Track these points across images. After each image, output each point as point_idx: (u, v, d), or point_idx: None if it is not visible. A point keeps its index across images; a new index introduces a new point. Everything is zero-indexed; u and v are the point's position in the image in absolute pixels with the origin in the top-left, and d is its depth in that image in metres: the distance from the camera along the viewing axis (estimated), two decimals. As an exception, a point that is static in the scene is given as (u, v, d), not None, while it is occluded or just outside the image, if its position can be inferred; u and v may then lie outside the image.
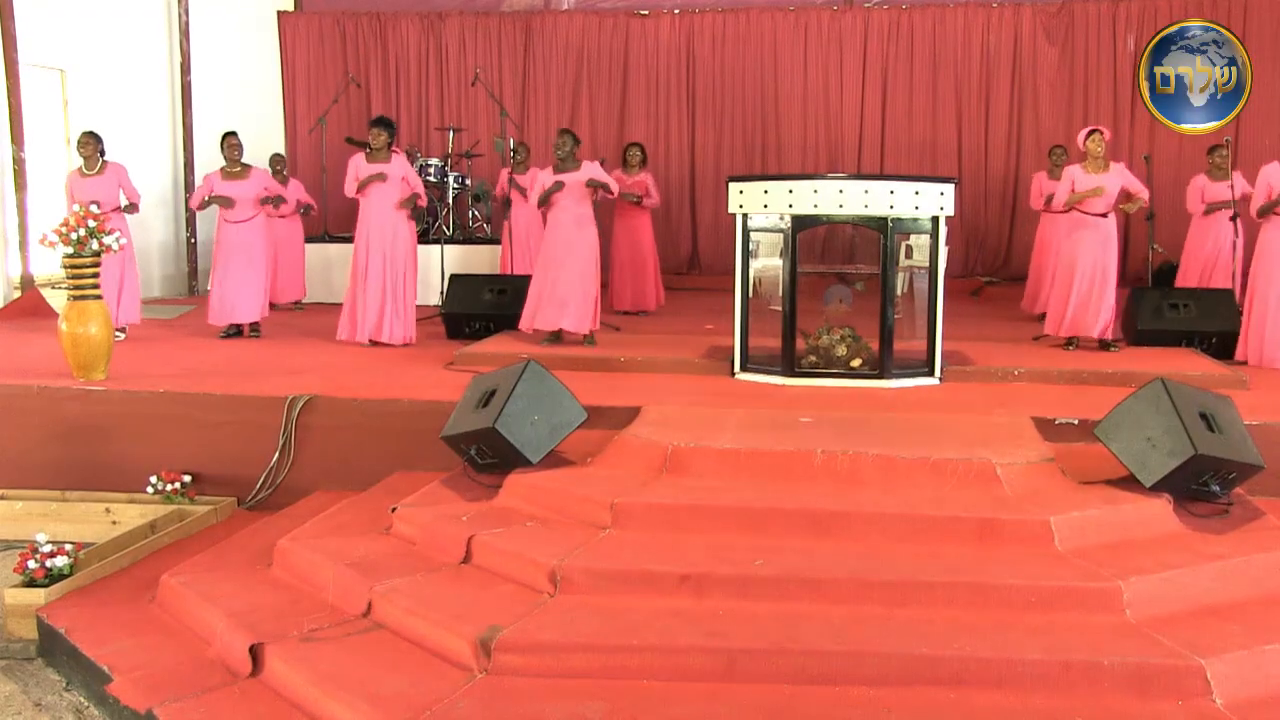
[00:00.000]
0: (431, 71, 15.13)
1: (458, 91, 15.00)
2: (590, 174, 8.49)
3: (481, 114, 14.80)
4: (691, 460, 5.52)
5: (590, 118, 14.70)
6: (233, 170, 9.50)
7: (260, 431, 6.78)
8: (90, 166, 9.30)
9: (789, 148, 14.43)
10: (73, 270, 7.34)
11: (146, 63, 12.97)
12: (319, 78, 15.22)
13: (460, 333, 9.36)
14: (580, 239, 8.45)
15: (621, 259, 11.00)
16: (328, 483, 6.63)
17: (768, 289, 7.67)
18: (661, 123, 14.72)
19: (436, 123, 14.89)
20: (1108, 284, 8.34)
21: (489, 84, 14.07)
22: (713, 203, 14.46)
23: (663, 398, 6.81)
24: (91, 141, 9.33)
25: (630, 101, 14.77)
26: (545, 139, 14.48)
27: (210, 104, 13.50)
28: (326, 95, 14.82)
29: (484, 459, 5.74)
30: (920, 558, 4.65)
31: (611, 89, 14.79)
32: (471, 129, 14.62)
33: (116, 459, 6.91)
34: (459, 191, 13.23)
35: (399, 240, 8.97)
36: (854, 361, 7.42)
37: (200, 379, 7.42)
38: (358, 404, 6.81)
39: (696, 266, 14.64)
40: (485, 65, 14.65)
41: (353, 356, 8.58)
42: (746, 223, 7.51)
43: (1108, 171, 8.37)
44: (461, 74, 14.92)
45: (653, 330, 9.70)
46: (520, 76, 14.93)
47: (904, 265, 7.57)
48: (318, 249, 12.38)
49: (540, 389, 5.77)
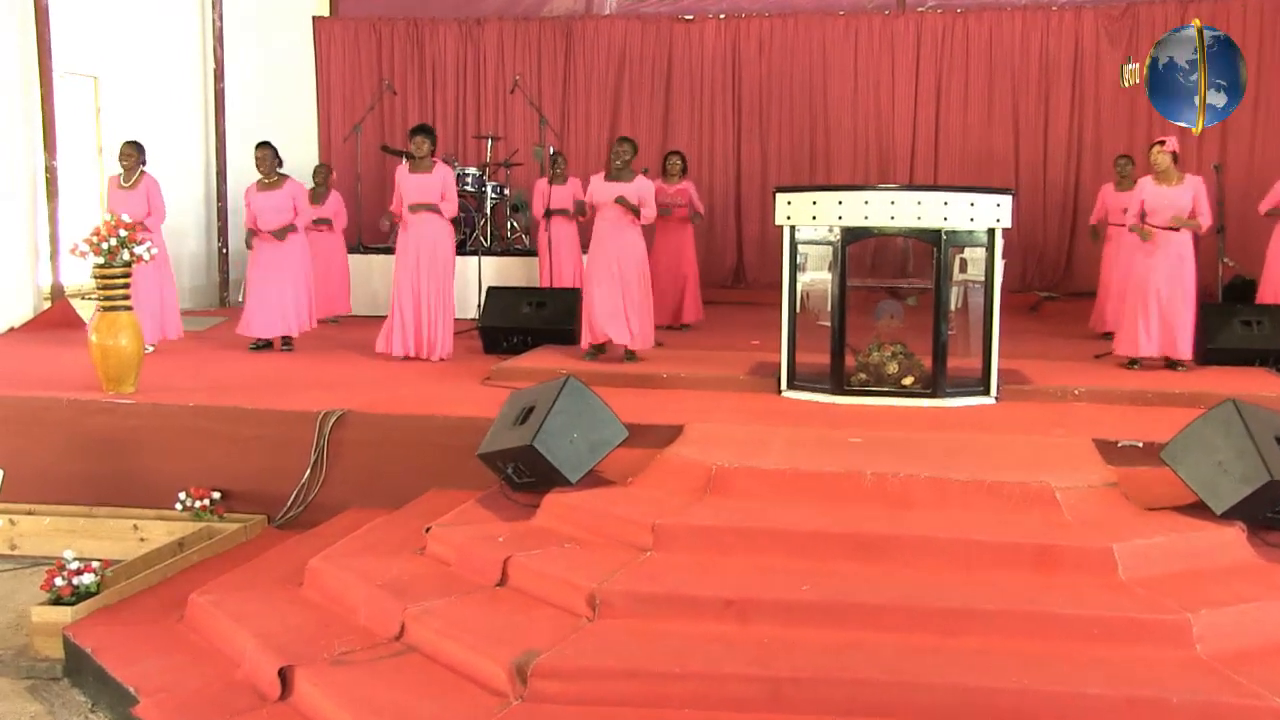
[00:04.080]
0: (469, 78, 15.24)
1: (496, 99, 15.10)
2: (636, 190, 8.44)
3: (520, 122, 14.89)
4: (736, 481, 5.49)
5: (631, 125, 14.73)
6: (268, 181, 9.59)
7: (291, 447, 6.81)
8: (127, 179, 9.42)
9: (838, 157, 14.40)
10: (103, 281, 7.42)
11: (179, 69, 13.13)
12: (354, 84, 15.36)
13: (498, 347, 9.39)
14: (627, 252, 8.42)
15: (661, 271, 11.00)
16: (360, 501, 6.64)
17: (816, 303, 7.65)
18: (705, 131, 14.73)
19: (474, 131, 14.99)
20: (1187, 303, 8.22)
21: (528, 91, 14.15)
22: (759, 214, 14.45)
23: (706, 415, 6.79)
24: (133, 152, 9.46)
25: (673, 109, 14.80)
26: (585, 147, 14.57)
27: (244, 111, 13.65)
28: (362, 102, 14.96)
29: (521, 478, 5.74)
30: (975, 585, 4.60)
31: (654, 96, 14.83)
32: (510, 137, 14.71)
33: (145, 474, 6.96)
34: (497, 202, 13.29)
35: (439, 253, 9.02)
36: (906, 379, 7.37)
37: (231, 393, 7.47)
38: (392, 420, 6.83)
39: (741, 280, 14.63)
40: (524, 72, 14.74)
41: (387, 371, 8.62)
42: (794, 235, 7.48)
43: (1181, 185, 8.27)
44: (500, 81, 15.02)
45: (696, 346, 9.68)
46: (560, 83, 15.01)
47: (958, 279, 7.52)
48: (358, 260, 12.44)
49: (580, 406, 5.76)
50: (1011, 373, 7.79)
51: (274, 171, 9.61)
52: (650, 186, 8.55)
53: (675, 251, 11.00)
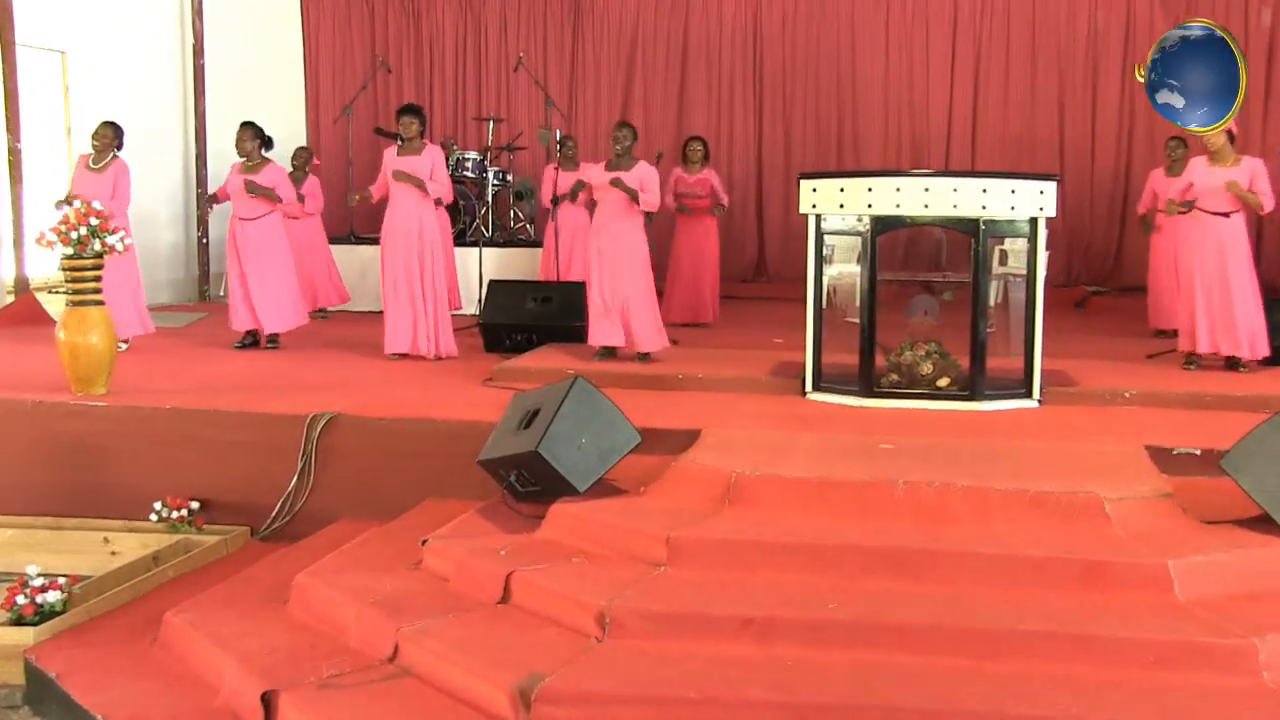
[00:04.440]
0: (469, 55, 15.26)
1: (498, 78, 15.11)
2: (637, 176, 8.39)
3: (524, 103, 14.90)
4: (757, 490, 5.48)
5: (645, 107, 14.74)
6: (251, 164, 9.61)
7: (276, 453, 6.81)
8: (98, 160, 9.45)
9: (868, 141, 14.38)
10: (72, 273, 7.44)
11: (156, 44, 13.17)
12: (345, 62, 15.39)
13: (500, 345, 9.39)
14: (629, 248, 8.36)
15: (681, 265, 11.01)
16: (351, 511, 6.64)
17: (843, 299, 7.65)
18: (724, 113, 14.73)
19: (475, 112, 15.00)
20: (1243, 295, 8.15)
21: (533, 70, 14.16)
22: (782, 202, 14.43)
23: (725, 420, 6.78)
24: (109, 134, 9.48)
25: (689, 89, 14.80)
26: (595, 130, 14.56)
27: (225, 90, 13.67)
28: (353, 81, 14.98)
29: (525, 486, 5.73)
30: (1016, 604, 4.58)
31: (669, 75, 14.83)
32: (513, 119, 14.71)
33: (117, 482, 6.97)
34: (499, 189, 13.30)
35: (426, 240, 9.00)
36: (941, 381, 7.36)
37: (211, 394, 7.48)
38: (385, 424, 6.83)
39: (763, 273, 14.63)
40: (529, 48, 14.75)
41: (380, 371, 8.62)
42: (820, 225, 7.47)
43: (1236, 166, 8.22)
44: (503, 58, 15.03)
45: (714, 344, 9.67)
46: (568, 61, 15.01)
47: (998, 273, 7.50)
48: (345, 251, 12.48)
49: (589, 409, 5.75)
50: (1056, 374, 7.76)
51: (257, 154, 9.63)
52: (653, 173, 8.47)
53: (698, 245, 11.01)
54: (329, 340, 10.17)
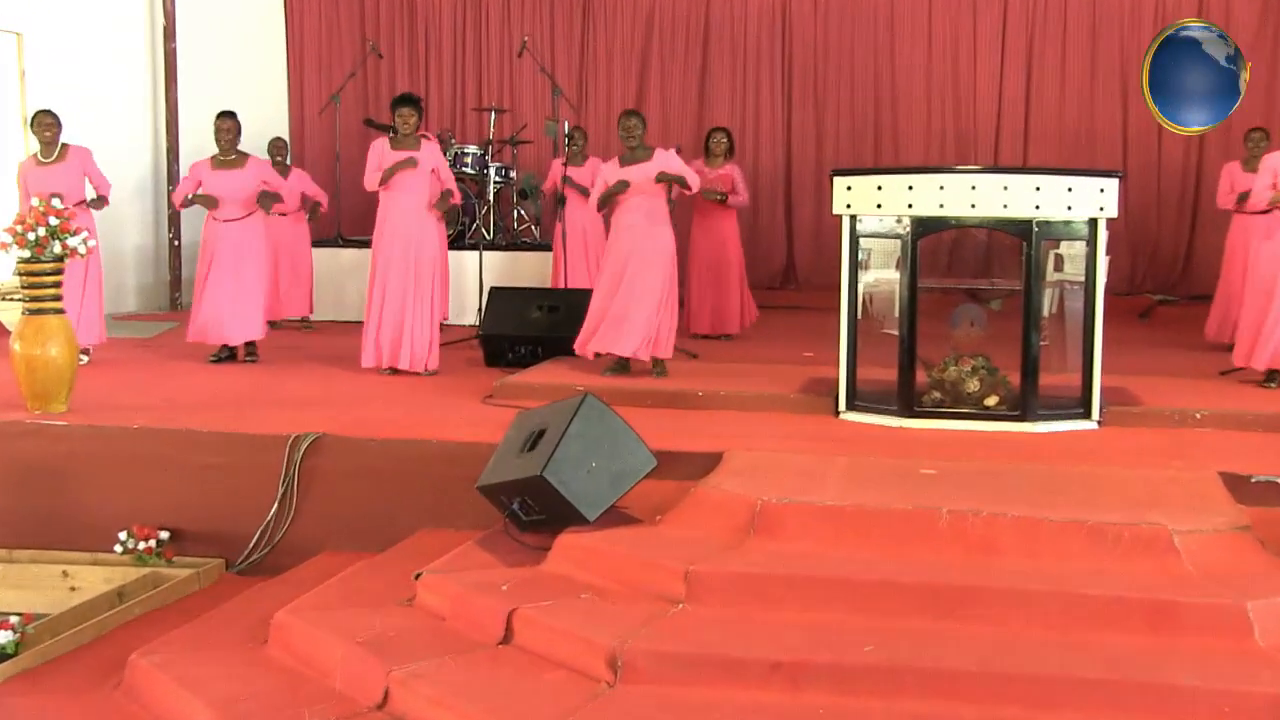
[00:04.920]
0: (469, 40, 15.30)
1: (500, 65, 15.15)
2: (663, 164, 8.46)
3: (529, 92, 14.93)
4: (785, 519, 5.48)
5: (662, 98, 14.76)
6: (226, 158, 9.60)
7: (255, 478, 6.82)
8: (48, 153, 9.45)
9: (908, 135, 14.38)
10: (30, 279, 7.45)
11: (122, 26, 13.18)
12: (332, 46, 15.44)
13: (502, 359, 9.40)
14: (652, 245, 8.41)
15: (701, 270, 11.00)
16: (337, 542, 6.64)
17: (881, 308, 7.64)
18: (750, 104, 14.74)
19: (474, 102, 15.04)
20: None
21: (539, 56, 14.18)
22: (813, 202, 14.43)
23: (750, 441, 6.78)
24: (51, 122, 9.47)
25: (712, 78, 14.82)
26: (607, 123, 14.56)
27: (199, 77, 13.69)
28: (341, 68, 15.02)
29: (529, 515, 5.73)
30: (1074, 648, 4.56)
31: (689, 63, 14.84)
32: (517, 110, 14.73)
33: (77, 510, 6.98)
34: (501, 186, 13.32)
35: (426, 245, 9.04)
36: (989, 399, 7.34)
37: (183, 412, 7.49)
38: (375, 445, 6.84)
39: (792, 280, 14.62)
40: (534, 33, 14.78)
41: (370, 387, 8.63)
42: (855, 226, 7.47)
43: None
44: (506, 43, 15.07)
45: (738, 358, 9.67)
46: (577, 46, 15.05)
47: (1053, 280, 7.48)
48: (329, 255, 12.52)
49: (599, 429, 5.75)
50: (1118, 391, 7.74)
51: (235, 148, 9.65)
52: (673, 154, 8.59)
53: (717, 246, 10.99)
54: (313, 353, 10.19)
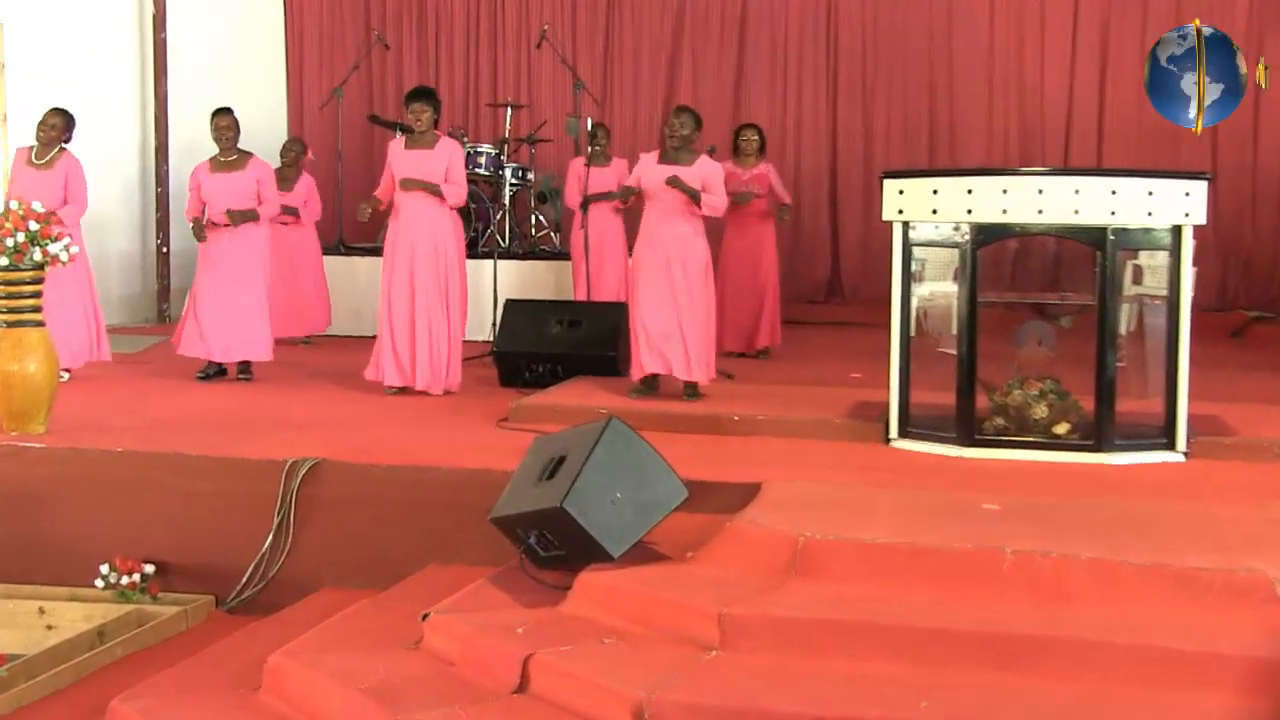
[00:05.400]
0: (483, 29, 15.38)
1: (517, 55, 15.20)
2: (699, 173, 8.41)
3: (549, 86, 14.99)
4: (829, 558, 5.44)
5: (694, 91, 14.77)
6: (226, 159, 9.66)
7: (248, 507, 6.82)
8: (43, 155, 9.53)
9: (967, 133, 14.36)
10: (8, 288, 7.49)
11: (108, 14, 13.29)
12: (335, 36, 15.53)
13: (518, 378, 9.42)
14: (690, 254, 8.40)
15: (734, 281, 10.99)
16: (337, 578, 6.65)
17: (936, 325, 7.61)
18: (791, 99, 14.75)
19: (489, 97, 15.09)
20: None
21: (559, 46, 14.20)
22: (861, 206, 14.42)
23: (791, 471, 6.76)
24: (60, 123, 9.57)
25: (749, 70, 14.84)
26: (634, 118, 14.64)
27: (191, 69, 13.80)
28: (344, 60, 15.10)
29: (547, 550, 5.72)
30: (1160, 710, 4.51)
31: (724, 53, 14.87)
32: (536, 105, 14.79)
33: (56, 540, 6.99)
34: (518, 189, 13.34)
35: (440, 253, 9.06)
36: (1059, 427, 7.30)
37: (170, 434, 7.51)
38: (380, 471, 6.84)
39: (837, 293, 14.61)
40: (554, 21, 14.83)
41: (374, 409, 8.65)
42: (908, 234, 7.45)
43: None
44: (524, 32, 15.12)
45: (777, 378, 9.67)
46: (601, 36, 15.09)
47: (1131, 294, 7.45)
48: (334, 263, 12.55)
49: (625, 457, 5.73)
50: (1207, 419, 7.67)
51: (235, 147, 9.68)
52: (718, 170, 8.53)
53: (751, 255, 10.98)
54: (313, 371, 10.23)
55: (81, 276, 9.47)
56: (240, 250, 9.62)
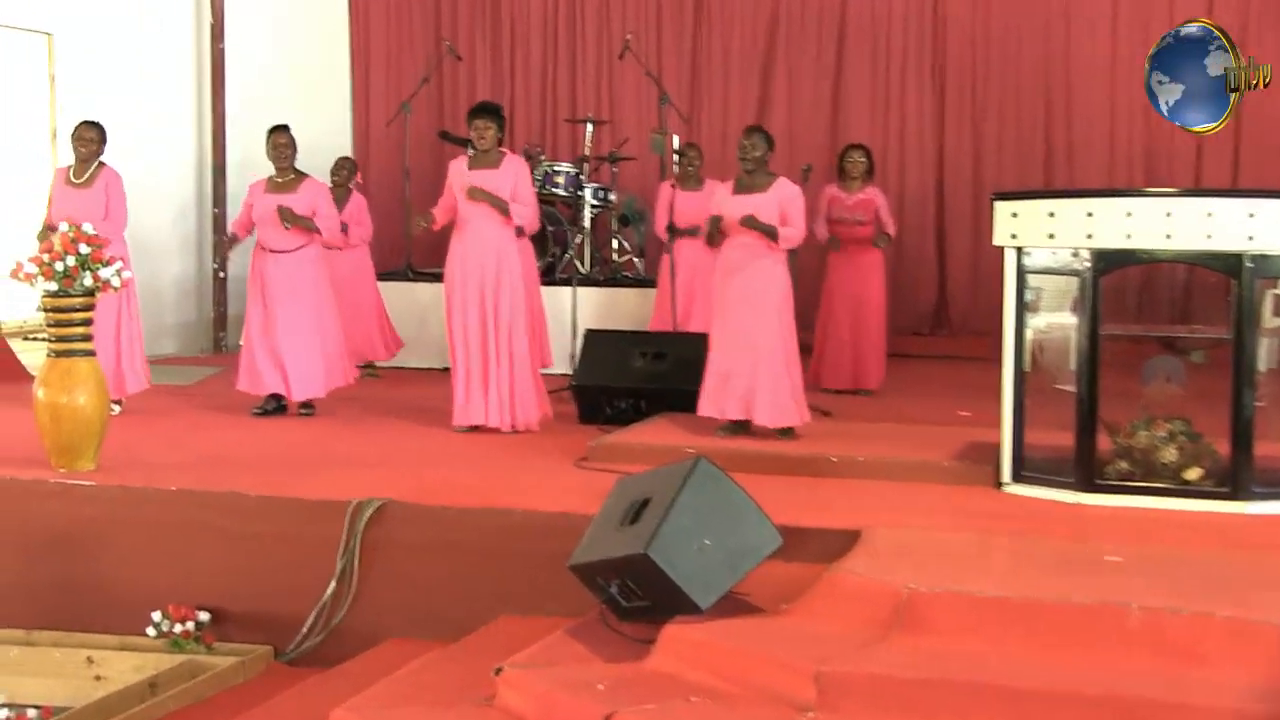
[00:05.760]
0: (561, 39, 15.42)
1: (598, 68, 15.24)
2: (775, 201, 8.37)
3: (632, 100, 15.00)
4: (937, 612, 5.42)
5: (788, 107, 14.74)
6: (283, 179, 9.76)
7: (310, 551, 6.88)
8: (81, 171, 9.63)
9: (1086, 151, 14.21)
10: (56, 315, 7.60)
11: (164, 24, 13.44)
12: (403, 47, 15.65)
13: (599, 414, 9.43)
14: (762, 289, 8.36)
15: (837, 313, 10.96)
16: (404, 628, 6.68)
17: (1053, 359, 7.59)
18: (894, 115, 14.68)
19: (567, 112, 15.13)
20: None
21: (643, 57, 14.22)
22: (969, 230, 14.32)
23: (894, 517, 6.75)
24: (95, 137, 9.63)
25: (847, 84, 14.78)
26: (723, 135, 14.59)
27: (250, 83, 13.96)
28: (413, 72, 15.18)
29: (630, 600, 5.72)
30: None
31: (821, 65, 14.82)
32: (618, 121, 14.81)
33: (106, 585, 7.08)
34: (599, 211, 13.37)
35: (505, 279, 9.07)
36: (1189, 472, 7.22)
37: (227, 472, 7.59)
38: (450, 514, 6.88)
39: (944, 324, 14.51)
40: (638, 30, 14.85)
41: (443, 446, 8.71)
42: (1022, 261, 7.41)
43: None
44: (605, 42, 15.16)
45: (879, 417, 9.65)
46: (689, 46, 15.10)
47: (1272, 326, 7.34)
48: (398, 290, 12.62)
49: (714, 500, 5.73)
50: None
51: (292, 167, 9.78)
52: (797, 194, 8.46)
53: (857, 286, 10.95)
54: (378, 405, 10.29)
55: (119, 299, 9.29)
56: (299, 278, 9.67)
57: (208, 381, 11.54)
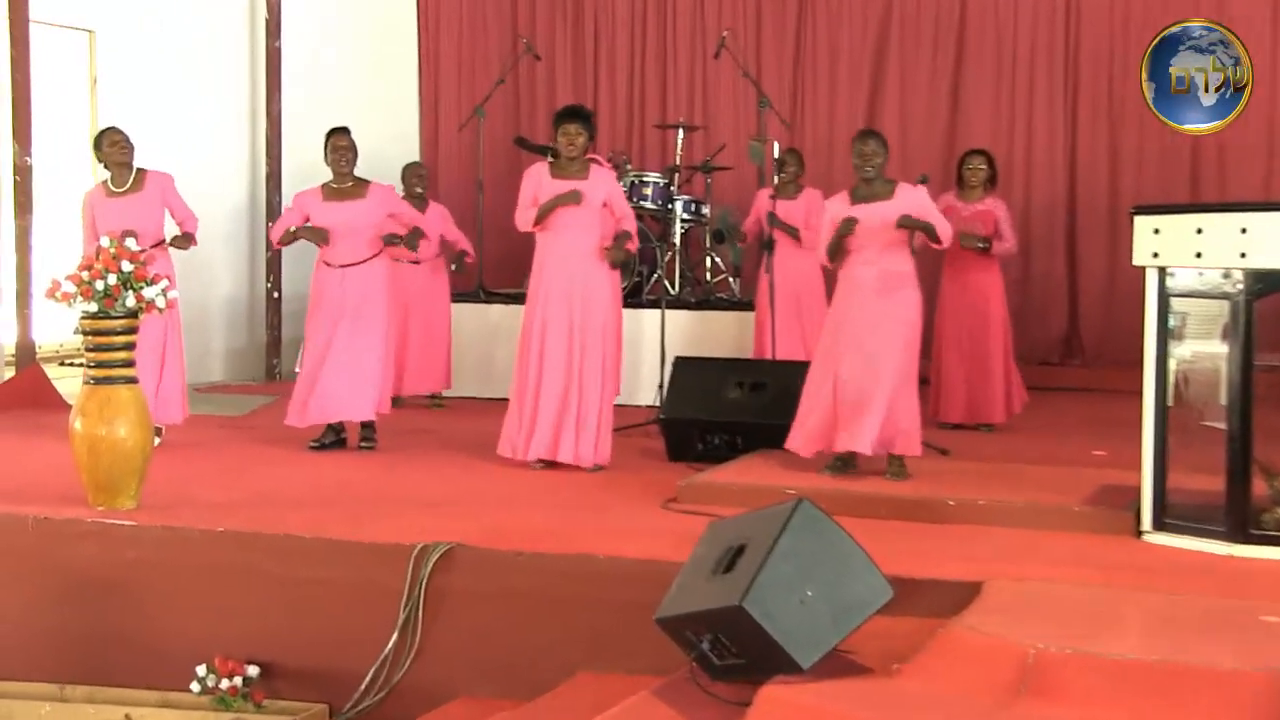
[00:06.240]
0: (650, 37, 15.51)
1: (691, 68, 15.30)
2: (909, 205, 8.38)
3: (728, 104, 15.05)
4: (1068, 675, 5.36)
5: (901, 111, 14.74)
6: (341, 186, 9.82)
7: (369, 599, 6.90)
8: (120, 180, 9.77)
9: (1239, 159, 14.10)
10: (96, 338, 7.67)
11: (214, 20, 13.64)
12: (476, 46, 15.78)
13: (689, 451, 9.43)
14: (893, 310, 8.35)
15: (954, 339, 10.92)
16: (473, 685, 6.70)
17: (1200, 392, 7.53)
18: (1020, 119, 14.63)
19: (656, 117, 15.18)
20: None
21: (741, 57, 14.26)
22: (1105, 248, 14.25)
23: (1019, 568, 6.70)
24: (122, 141, 9.78)
25: (967, 85, 14.76)
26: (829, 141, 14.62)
27: (308, 85, 14.13)
28: (487, 73, 15.31)
29: (723, 658, 5.71)
30: None
31: (938, 64, 14.81)
32: (713, 127, 14.84)
33: (146, 635, 7.13)
34: (690, 226, 13.40)
35: (595, 303, 9.12)
36: (1355, 522, 7.15)
37: (279, 512, 7.65)
38: (523, 560, 6.87)
39: (1076, 353, 14.45)
40: (736, 26, 14.88)
41: (517, 485, 8.74)
42: (1165, 282, 7.35)
43: None
44: (698, 40, 15.22)
45: (1002, 455, 9.61)
46: (791, 44, 15.14)
47: None
48: (470, 312, 12.73)
49: (818, 547, 5.71)
50: None
51: (353, 173, 9.86)
52: (923, 195, 8.54)
53: (976, 309, 10.92)
54: (445, 439, 10.37)
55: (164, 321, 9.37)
56: (364, 293, 9.69)
57: (259, 412, 11.64)
